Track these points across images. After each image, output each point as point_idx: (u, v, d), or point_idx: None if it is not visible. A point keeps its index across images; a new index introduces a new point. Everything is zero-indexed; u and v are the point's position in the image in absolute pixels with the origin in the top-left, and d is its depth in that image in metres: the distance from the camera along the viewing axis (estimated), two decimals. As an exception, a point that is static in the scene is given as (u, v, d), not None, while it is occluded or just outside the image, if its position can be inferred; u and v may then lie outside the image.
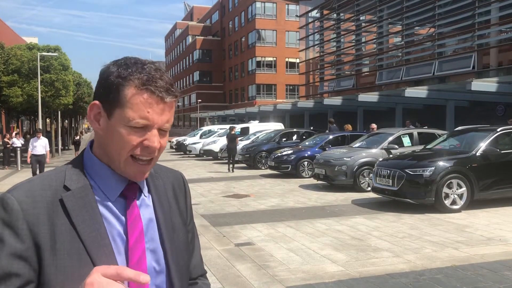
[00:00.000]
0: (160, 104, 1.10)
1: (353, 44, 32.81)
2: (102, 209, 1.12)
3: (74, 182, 1.12)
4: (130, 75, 1.09)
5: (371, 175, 11.23)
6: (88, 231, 1.07)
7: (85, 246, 1.06)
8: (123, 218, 1.13)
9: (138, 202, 1.18)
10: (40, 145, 14.69)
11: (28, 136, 25.47)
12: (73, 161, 1.19)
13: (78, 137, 29.17)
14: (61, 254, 1.04)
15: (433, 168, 9.10)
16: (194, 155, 27.43)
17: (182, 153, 29.57)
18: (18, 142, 22.44)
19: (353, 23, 32.72)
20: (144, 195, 1.21)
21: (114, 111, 1.10)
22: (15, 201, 1.04)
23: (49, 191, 1.09)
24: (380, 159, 11.03)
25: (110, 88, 1.10)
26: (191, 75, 78.51)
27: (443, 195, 8.98)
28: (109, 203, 1.13)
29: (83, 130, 79.22)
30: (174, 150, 32.38)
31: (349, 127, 17.33)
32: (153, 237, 1.18)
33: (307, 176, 15.49)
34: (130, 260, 1.11)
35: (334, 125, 19.72)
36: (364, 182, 12.15)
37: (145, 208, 1.19)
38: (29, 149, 14.79)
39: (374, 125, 16.59)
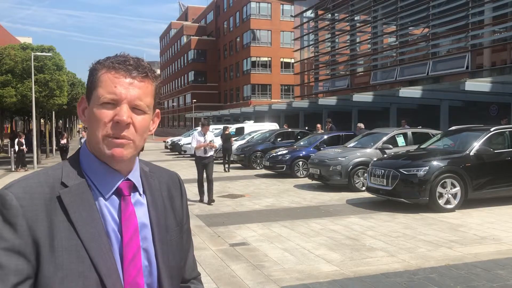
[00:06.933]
0: (128, 78, 1.13)
1: (348, 44, 32.85)
2: (98, 206, 1.12)
3: (71, 179, 1.12)
4: (105, 60, 1.16)
5: (365, 174, 11.26)
6: (86, 228, 1.08)
7: (83, 243, 1.06)
8: (116, 216, 1.14)
9: (132, 200, 1.18)
10: None
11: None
12: (70, 157, 1.20)
13: (65, 141, 23.65)
14: (59, 251, 1.04)
15: (427, 167, 9.14)
16: (189, 155, 27.35)
17: (177, 153, 29.48)
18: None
19: (347, 23, 32.77)
20: (139, 194, 1.21)
21: (91, 96, 1.15)
22: (13, 198, 1.04)
23: (46, 187, 1.09)
24: (375, 159, 11.07)
25: (89, 75, 1.16)
26: (186, 75, 78.34)
27: (437, 194, 9.03)
28: (104, 201, 1.14)
29: (79, 130, 77.87)
30: (169, 150, 32.31)
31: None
32: (146, 236, 1.18)
33: (302, 176, 15.50)
34: (124, 257, 1.11)
35: (332, 125, 19.84)
36: (358, 182, 12.19)
37: (140, 207, 1.20)
38: None
39: (361, 125, 16.26)
